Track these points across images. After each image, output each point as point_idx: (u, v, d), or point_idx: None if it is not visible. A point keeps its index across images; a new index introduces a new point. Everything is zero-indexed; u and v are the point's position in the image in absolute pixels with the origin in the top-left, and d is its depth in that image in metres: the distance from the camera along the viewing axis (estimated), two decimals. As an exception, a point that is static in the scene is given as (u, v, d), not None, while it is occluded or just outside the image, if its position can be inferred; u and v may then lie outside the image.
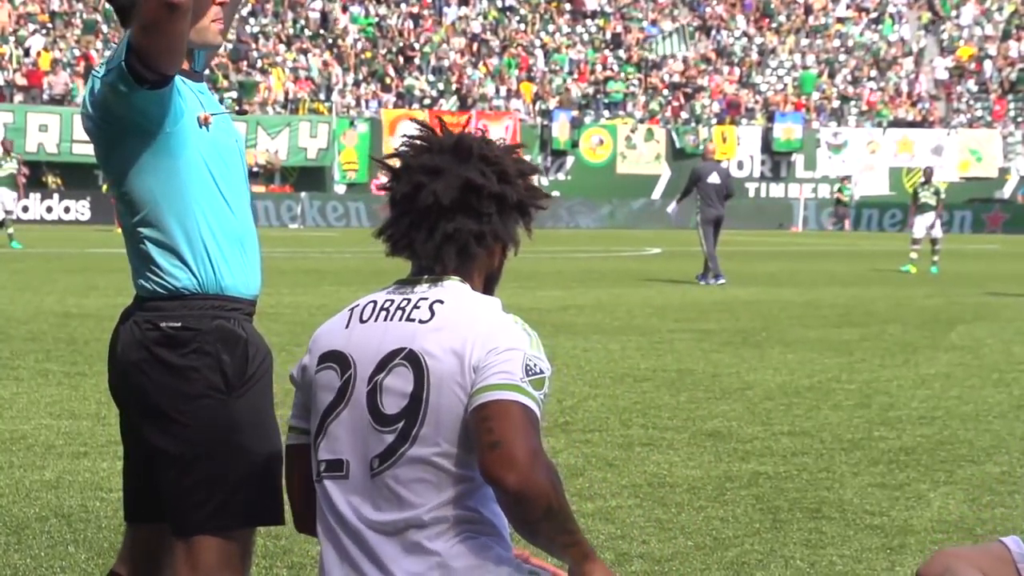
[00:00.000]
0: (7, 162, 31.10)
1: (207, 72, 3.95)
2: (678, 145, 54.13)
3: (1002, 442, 8.86)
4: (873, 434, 9.03)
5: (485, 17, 58.58)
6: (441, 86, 54.17)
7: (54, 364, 11.45)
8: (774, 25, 61.85)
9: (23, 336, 13.32)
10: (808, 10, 62.86)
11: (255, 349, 3.70)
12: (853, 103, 58.62)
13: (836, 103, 58.50)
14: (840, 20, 62.46)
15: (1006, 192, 56.09)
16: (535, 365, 3.07)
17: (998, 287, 23.01)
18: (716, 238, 23.34)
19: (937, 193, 28.52)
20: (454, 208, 3.18)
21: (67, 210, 45.52)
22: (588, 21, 60.31)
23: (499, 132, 51.71)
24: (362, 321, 3.23)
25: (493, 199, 3.20)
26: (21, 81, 47.58)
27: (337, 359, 3.21)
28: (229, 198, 3.70)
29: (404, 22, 56.99)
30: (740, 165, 55.45)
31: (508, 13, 58.98)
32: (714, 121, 56.06)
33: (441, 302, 3.17)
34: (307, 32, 54.92)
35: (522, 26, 58.75)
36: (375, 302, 3.24)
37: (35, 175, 43.29)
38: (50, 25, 50.22)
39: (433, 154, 3.21)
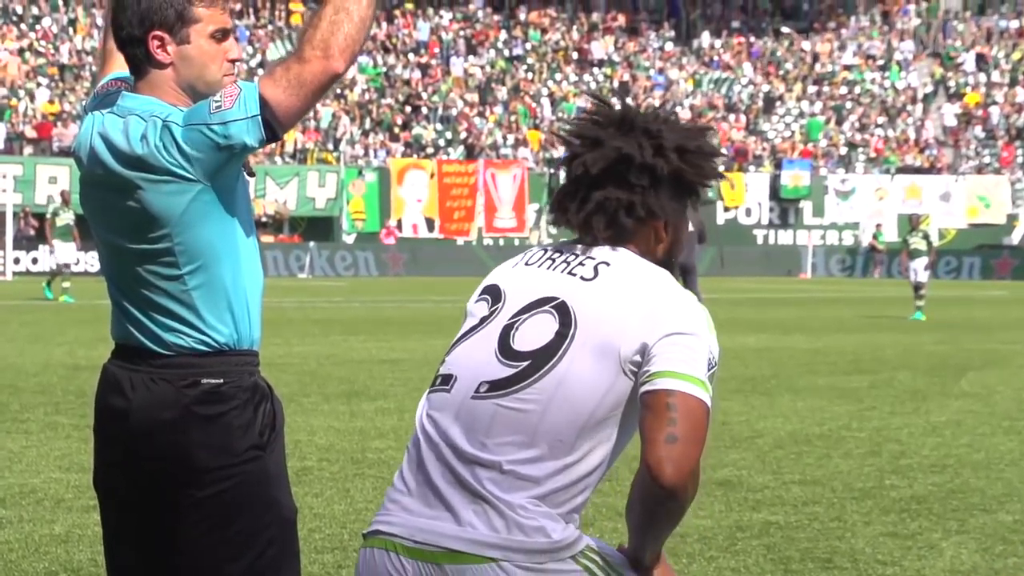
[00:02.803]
0: (64, 212, 30.47)
1: None
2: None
3: (1014, 490, 8.82)
4: (884, 483, 8.99)
5: (492, 66, 58.80)
6: (449, 135, 54.34)
7: (63, 417, 11.44)
8: (781, 72, 62.03)
9: (32, 389, 13.32)
10: (815, 57, 63.06)
11: (277, 403, 3.67)
12: (861, 150, 58.71)
13: (844, 150, 58.60)
14: (847, 67, 62.64)
15: (1015, 238, 56.04)
16: (714, 356, 3.02)
17: (1007, 334, 22.97)
18: (688, 285, 23.41)
19: (927, 238, 28.51)
20: (604, 178, 3.12)
21: (77, 261, 45.54)
22: (595, 70, 60.52)
23: (507, 181, 51.88)
24: (527, 264, 3.19)
25: (645, 171, 3.13)
26: (30, 133, 47.79)
27: (492, 292, 3.18)
28: (259, 246, 3.68)
29: (412, 72, 57.21)
30: (748, 212, 55.51)
31: (515, 62, 59.21)
32: (721, 168, 56.09)
33: (607, 264, 3.11)
34: None
35: (530, 75, 58.96)
36: (546, 250, 3.21)
37: (44, 227, 43.36)
38: (59, 78, 50.48)
39: (598, 126, 3.17)
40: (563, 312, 3.05)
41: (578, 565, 2.99)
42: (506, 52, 59.55)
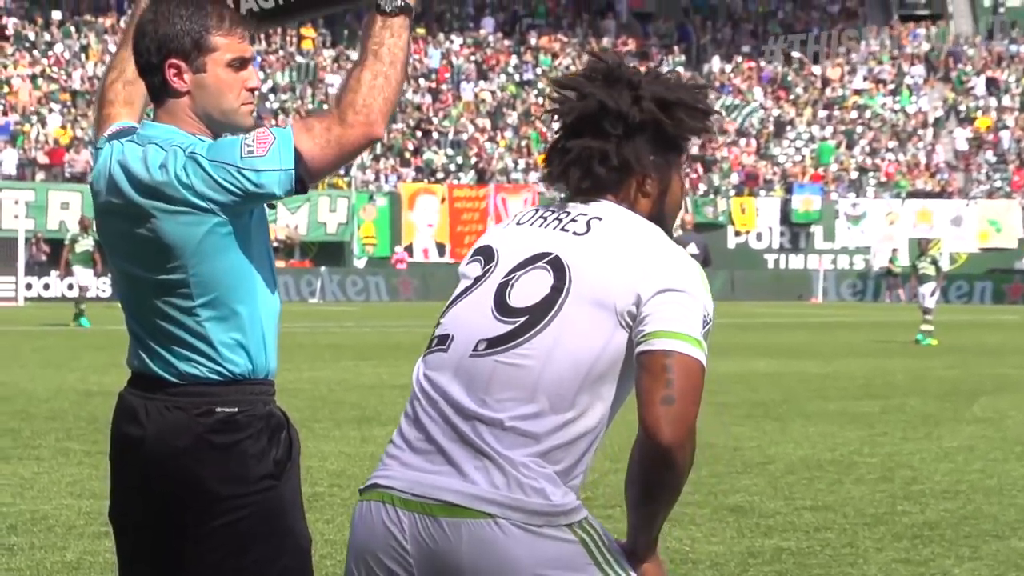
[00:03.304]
0: (84, 239, 30.54)
1: None
2: (694, 218, 54.15)
3: (1026, 516, 8.80)
4: (896, 508, 8.98)
5: (503, 90, 58.91)
6: (460, 160, 54.43)
7: (75, 443, 11.45)
8: (791, 97, 62.09)
9: (44, 415, 13.34)
10: (825, 82, 63.11)
11: (294, 432, 3.67)
12: (871, 174, 58.71)
13: (854, 174, 58.60)
14: (857, 92, 62.68)
15: (1026, 262, 56.01)
16: (708, 314, 3.03)
17: (1019, 359, 22.92)
18: None
19: (935, 263, 28.48)
20: (582, 128, 3.14)
21: (94, 287, 45.64)
22: (605, 95, 60.55)
23: (518, 205, 51.94)
24: (519, 224, 3.21)
25: (620, 119, 3.13)
26: (43, 159, 47.93)
27: (485, 252, 3.18)
28: (275, 276, 3.68)
29: (422, 97, 57.34)
30: (759, 236, 55.51)
31: (526, 87, 59.32)
32: (732, 193, 56.17)
33: (599, 219, 3.12)
34: (326, 108, 55.24)
35: (540, 99, 59.04)
36: (537, 210, 3.23)
37: (56, 253, 43.45)
38: (71, 104, 50.64)
39: (586, 79, 3.18)
40: (557, 267, 3.06)
41: (575, 536, 2.98)
42: (517, 77, 59.66)
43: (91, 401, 14.34)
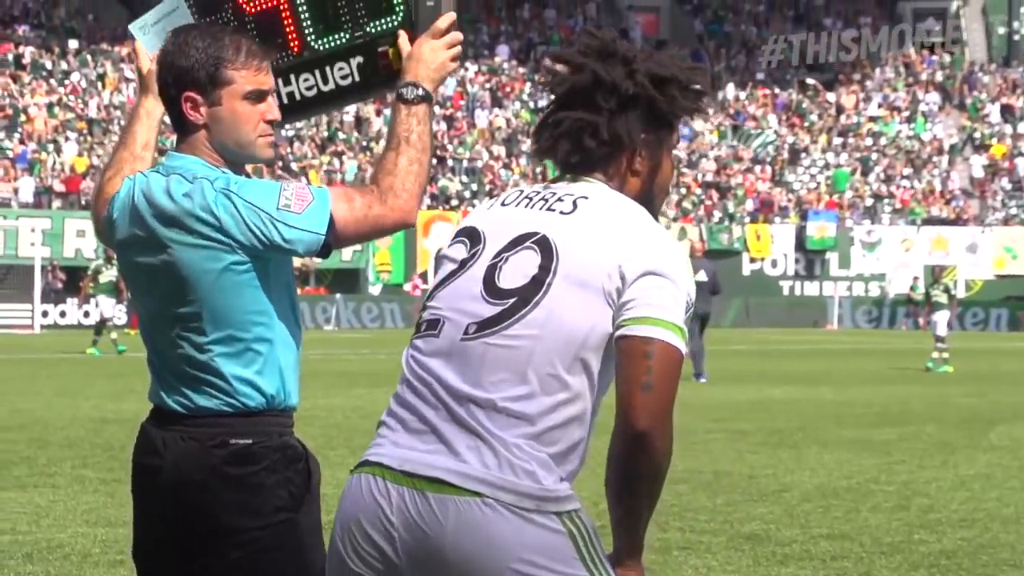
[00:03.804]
0: (108, 269, 30.58)
1: None
2: (710, 244, 54.15)
3: (1044, 544, 8.76)
4: (913, 537, 8.94)
5: (517, 117, 59.03)
6: (475, 187, 54.51)
7: (91, 471, 11.46)
8: (806, 124, 62.12)
9: (60, 442, 13.35)
10: (840, 109, 63.13)
11: (313, 463, 3.65)
12: (886, 201, 58.68)
13: (869, 201, 58.57)
14: (872, 119, 62.69)
15: (1042, 289, 55.89)
16: (690, 297, 3.02)
17: (1036, 385, 22.84)
18: (703, 334, 23.75)
19: (947, 291, 28.43)
20: (574, 101, 3.14)
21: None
22: (620, 122, 60.63)
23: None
24: (503, 205, 3.19)
25: (613, 93, 3.12)
26: (59, 187, 48.10)
27: (470, 234, 3.17)
28: (296, 309, 3.67)
29: (437, 124, 57.49)
30: (774, 263, 55.47)
31: (541, 114, 59.36)
32: (747, 219, 56.17)
33: (585, 198, 3.11)
34: (341, 135, 55.41)
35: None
36: (522, 191, 3.22)
37: (72, 280, 43.58)
38: (87, 132, 50.83)
39: (581, 54, 3.18)
40: (544, 246, 3.05)
41: (563, 527, 2.96)
42: (531, 104, 59.78)
43: (107, 429, 14.35)
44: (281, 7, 3.81)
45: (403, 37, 3.75)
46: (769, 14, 67.93)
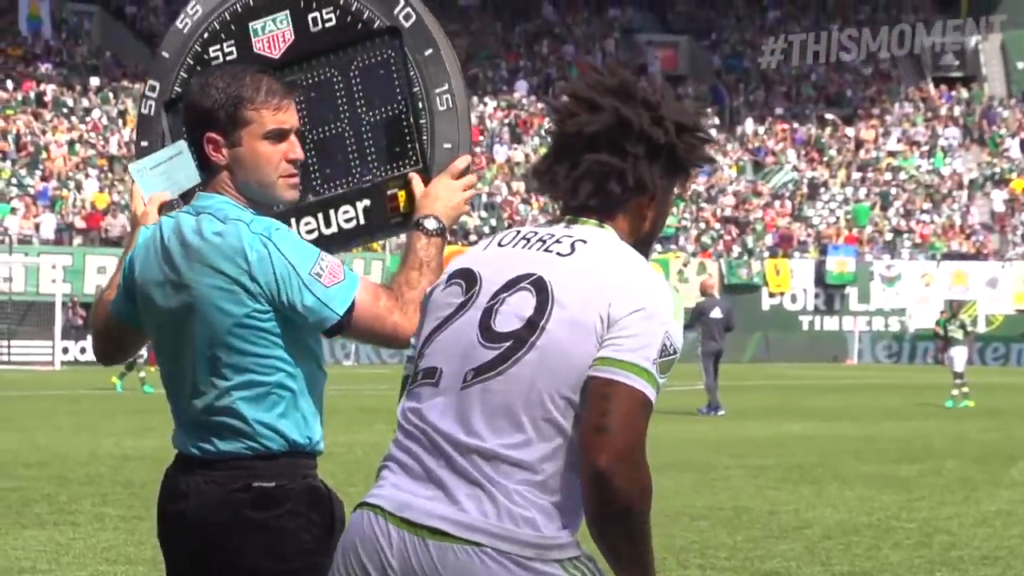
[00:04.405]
0: None
1: None
2: (729, 279, 54.11)
3: (1067, 582, 8.71)
4: (935, 574, 8.90)
5: (536, 153, 59.15)
6: (494, 222, 54.59)
7: (111, 508, 11.46)
8: (825, 159, 62.12)
9: (80, 479, 13.36)
10: (859, 144, 63.13)
11: (337, 505, 3.63)
12: (906, 235, 58.60)
13: (889, 236, 58.49)
14: (891, 153, 62.67)
15: (1063, 324, 55.68)
16: (671, 344, 2.95)
17: (1058, 420, 22.74)
18: (716, 371, 24.00)
19: (963, 326, 28.36)
20: (599, 142, 3.09)
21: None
22: (639, 157, 60.67)
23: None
24: (500, 245, 3.15)
25: (642, 140, 3.08)
26: (80, 224, 48.28)
27: (465, 276, 3.12)
28: (319, 353, 3.66)
29: (456, 160, 57.54)
30: (793, 298, 55.37)
31: (549, 149, 59.51)
32: (766, 254, 56.13)
33: (584, 241, 3.06)
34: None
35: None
36: (519, 231, 3.16)
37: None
38: (108, 169, 51.04)
39: (595, 90, 3.13)
40: (540, 287, 3.01)
41: (566, 574, 2.93)
42: (550, 139, 59.88)
43: (127, 465, 14.36)
44: None
45: (416, 179, 3.79)
46: (788, 49, 67.94)
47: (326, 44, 3.97)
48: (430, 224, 3.61)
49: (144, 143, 4.10)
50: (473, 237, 53.64)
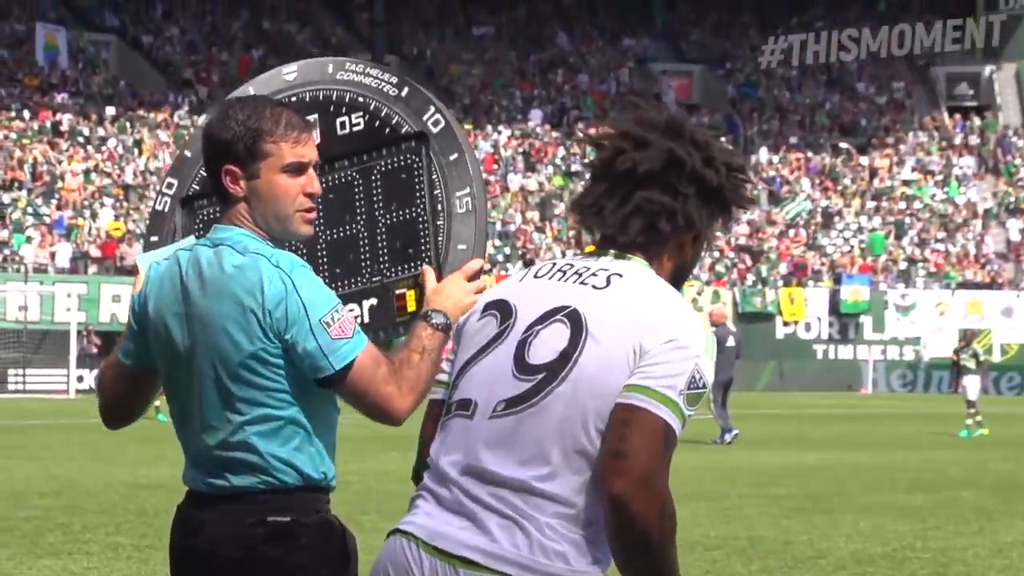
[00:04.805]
0: None
1: None
2: (743, 308, 54.04)
3: (1083, 613, 8.67)
4: (949, 605, 8.86)
5: (550, 181, 59.19)
6: (508, 250, 54.61)
7: (124, 537, 11.46)
8: (839, 188, 62.10)
9: (94, 509, 13.36)
10: (873, 173, 63.11)
11: (350, 539, 3.62)
12: (920, 265, 58.52)
13: (903, 265, 58.42)
14: (906, 182, 62.64)
15: (1079, 353, 55.49)
16: (700, 377, 2.96)
17: (1074, 450, 22.65)
18: (726, 398, 24.11)
19: (976, 356, 28.29)
20: (651, 179, 3.10)
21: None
22: (653, 186, 60.68)
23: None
24: (536, 277, 3.16)
25: (694, 180, 3.11)
26: (95, 253, 48.40)
27: (500, 307, 3.14)
28: None
29: (471, 189, 57.58)
30: (808, 327, 55.28)
31: (574, 178, 59.61)
32: (781, 283, 56.07)
33: (620, 275, 3.08)
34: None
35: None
36: (555, 263, 3.18)
37: (108, 345, 43.77)
38: (123, 198, 51.19)
39: (644, 127, 3.15)
40: (575, 320, 3.02)
41: None
42: (564, 168, 59.97)
43: (140, 494, 14.36)
44: (300, 253, 3.79)
45: (430, 273, 3.79)
46: (802, 79, 68.07)
47: (351, 148, 3.99)
48: (437, 319, 3.60)
49: (154, 238, 4.12)
50: (487, 266, 53.65)
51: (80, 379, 43.34)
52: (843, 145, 64.19)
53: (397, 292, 3.86)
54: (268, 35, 62.42)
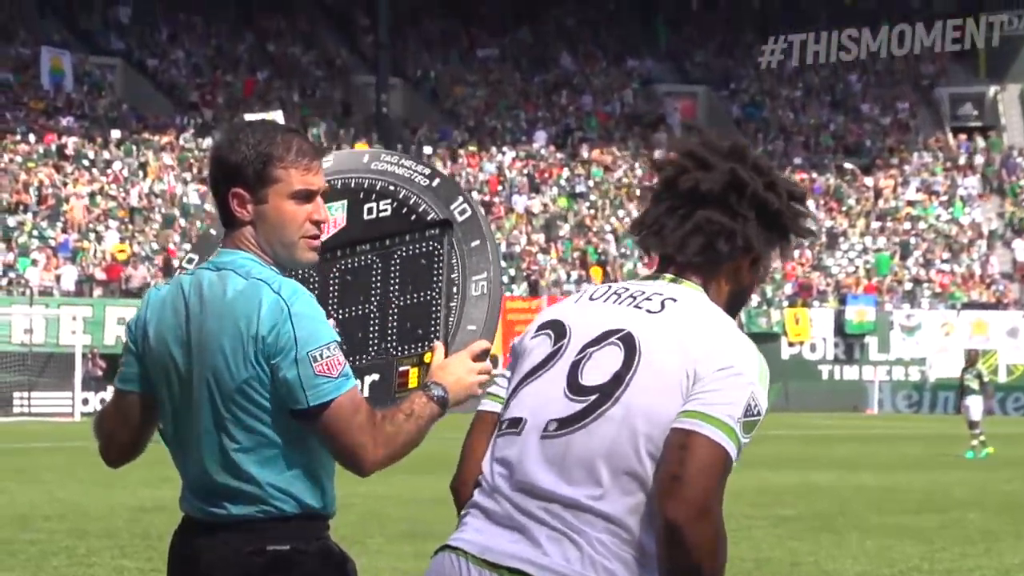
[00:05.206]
0: None
1: None
2: (748, 328, 54.04)
3: (1090, 634, 8.64)
4: (956, 626, 8.84)
5: (555, 203, 59.24)
6: (512, 272, 54.63)
7: (129, 560, 11.45)
8: (844, 208, 62.12)
9: (99, 532, 13.35)
10: (878, 193, 63.12)
11: (351, 566, 3.58)
12: (926, 285, 58.50)
13: (908, 285, 58.40)
14: (910, 203, 62.65)
15: (1085, 373, 55.43)
16: (756, 404, 2.97)
17: (1080, 470, 22.60)
18: None
19: (979, 376, 28.24)
20: (712, 199, 3.12)
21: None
22: (658, 207, 60.69)
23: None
24: (591, 299, 3.18)
25: (755, 202, 3.14)
26: (100, 275, 48.44)
27: (555, 327, 3.15)
28: None
29: (475, 211, 57.59)
30: (813, 347, 55.25)
31: (578, 199, 59.66)
32: (786, 303, 56.06)
33: (674, 300, 3.09)
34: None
35: (592, 211, 59.35)
36: (610, 287, 3.20)
37: (113, 368, 43.75)
38: (128, 220, 51.26)
39: (707, 149, 3.18)
40: (628, 343, 3.04)
41: None
42: (568, 189, 60.02)
43: (145, 517, 14.35)
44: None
45: (439, 351, 3.76)
46: (806, 99, 68.16)
47: (376, 233, 4.01)
48: (436, 391, 3.57)
49: None
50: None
51: (85, 402, 43.35)
52: (847, 165, 64.22)
53: (400, 369, 3.85)
54: (273, 58, 62.56)
